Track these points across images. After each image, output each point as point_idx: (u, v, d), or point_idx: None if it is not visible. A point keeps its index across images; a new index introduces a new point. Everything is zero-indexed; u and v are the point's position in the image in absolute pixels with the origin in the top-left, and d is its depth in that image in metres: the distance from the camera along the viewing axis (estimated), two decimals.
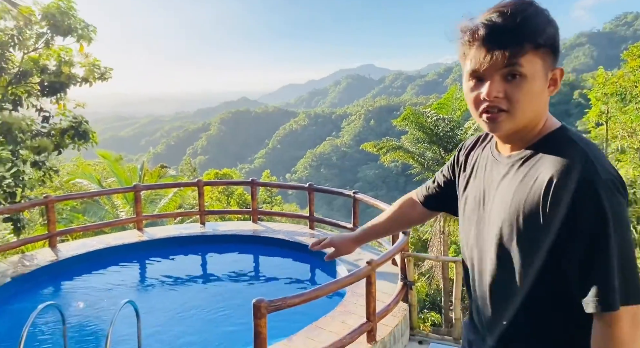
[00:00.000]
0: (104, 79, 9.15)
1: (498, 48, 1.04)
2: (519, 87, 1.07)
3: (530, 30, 1.04)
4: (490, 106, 1.09)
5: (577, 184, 1.01)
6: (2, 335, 5.23)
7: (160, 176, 16.84)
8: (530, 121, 1.12)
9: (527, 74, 1.06)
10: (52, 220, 7.25)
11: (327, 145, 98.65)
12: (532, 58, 1.05)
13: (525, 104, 1.08)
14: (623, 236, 1.01)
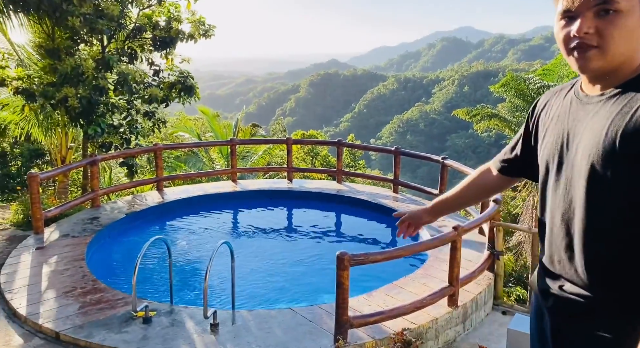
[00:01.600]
0: (207, 36, 9.61)
1: None
2: (612, 22, 1.05)
3: None
4: (580, 43, 1.07)
5: None
6: (118, 260, 6.01)
7: (252, 134, 17.61)
8: (626, 58, 1.08)
9: (622, 9, 1.04)
10: (160, 165, 8.00)
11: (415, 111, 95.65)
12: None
13: (618, 40, 1.05)
14: None
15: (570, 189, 1.18)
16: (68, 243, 5.49)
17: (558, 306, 1.27)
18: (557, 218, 1.24)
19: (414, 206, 7.28)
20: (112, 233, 6.19)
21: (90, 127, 7.89)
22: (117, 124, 8.64)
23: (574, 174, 1.17)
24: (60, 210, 6.18)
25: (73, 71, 7.59)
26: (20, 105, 9.18)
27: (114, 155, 8.31)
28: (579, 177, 1.15)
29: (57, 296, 4.25)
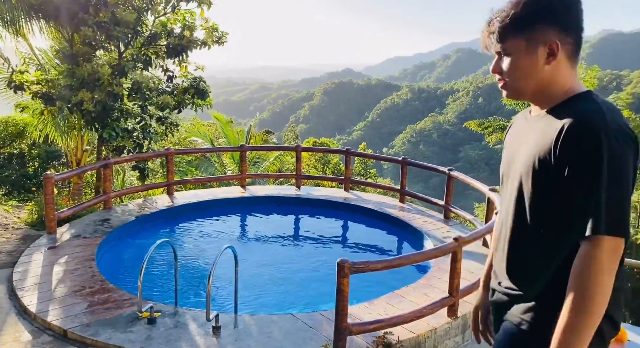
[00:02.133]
0: (220, 43, 9.80)
1: (493, 36, 1.36)
2: (506, 63, 1.36)
3: (511, 19, 1.30)
4: (499, 78, 1.41)
5: (584, 128, 1.19)
6: (126, 261, 6.14)
7: (265, 140, 17.79)
8: (535, 88, 1.34)
9: (511, 53, 1.34)
10: (171, 170, 8.17)
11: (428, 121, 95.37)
12: (513, 41, 1.32)
13: (514, 76, 1.35)
14: (617, 176, 1.17)
15: (509, 198, 1.41)
16: (79, 244, 5.65)
17: (496, 300, 1.50)
18: (499, 224, 1.50)
19: (420, 216, 7.32)
20: (122, 235, 6.34)
21: (105, 131, 8.10)
22: (131, 128, 8.84)
23: (511, 185, 1.41)
24: (73, 211, 6.35)
25: (90, 76, 7.82)
26: (40, 108, 9.46)
27: (127, 159, 8.50)
28: (512, 188, 1.40)
29: (66, 295, 4.39)
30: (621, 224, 1.18)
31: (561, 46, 1.29)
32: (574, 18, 1.29)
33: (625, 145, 1.18)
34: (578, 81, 1.35)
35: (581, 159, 1.18)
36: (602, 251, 1.17)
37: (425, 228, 6.73)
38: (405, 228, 6.98)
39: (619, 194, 1.17)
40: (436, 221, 7.12)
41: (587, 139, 1.17)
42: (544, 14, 1.27)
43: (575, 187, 1.20)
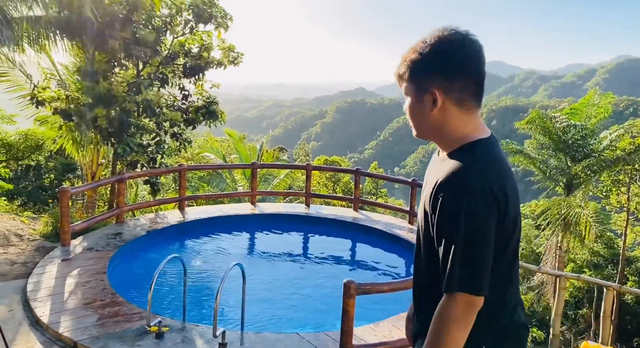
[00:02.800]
0: (236, 63, 10.05)
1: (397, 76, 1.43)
2: (407, 107, 1.42)
3: (406, 67, 1.37)
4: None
5: (449, 187, 1.25)
6: (137, 275, 6.23)
7: (277, 157, 17.97)
8: (430, 132, 1.41)
9: (408, 96, 1.41)
10: (183, 185, 8.31)
11: None
12: (407, 85, 1.39)
13: (411, 120, 1.42)
14: (473, 236, 1.22)
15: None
16: (92, 256, 5.76)
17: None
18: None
19: None
20: (133, 248, 6.44)
21: (120, 146, 8.30)
22: (145, 143, 9.04)
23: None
24: (87, 224, 6.49)
25: (107, 93, 8.07)
26: (59, 122, 9.74)
27: (141, 174, 8.68)
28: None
29: (77, 307, 4.47)
30: (474, 282, 1.23)
31: (445, 94, 1.32)
32: (460, 65, 1.32)
33: (482, 205, 1.22)
34: (478, 126, 1.37)
35: (441, 217, 1.26)
36: (455, 306, 1.24)
37: None
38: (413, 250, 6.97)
39: (475, 254, 1.22)
40: None
41: (449, 199, 1.24)
42: (430, 64, 1.32)
43: (437, 242, 1.28)
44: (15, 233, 6.57)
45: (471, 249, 1.22)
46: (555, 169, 14.40)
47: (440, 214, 1.26)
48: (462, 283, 1.23)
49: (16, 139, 12.59)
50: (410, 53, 1.36)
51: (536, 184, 16.16)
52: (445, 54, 1.31)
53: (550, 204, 13.57)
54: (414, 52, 1.35)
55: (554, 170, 14.43)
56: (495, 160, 1.30)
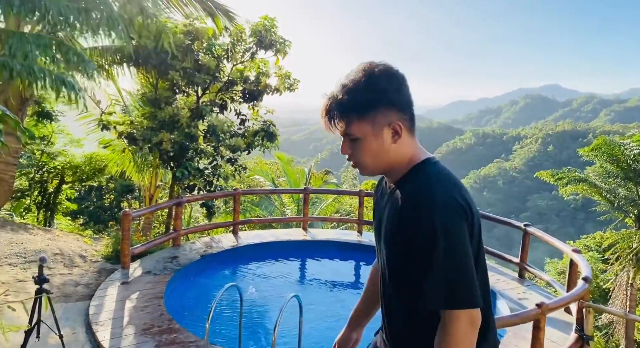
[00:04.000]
0: (291, 89, 10.18)
1: (334, 124, 1.35)
2: (357, 147, 1.35)
3: (352, 106, 1.31)
4: (348, 158, 1.39)
5: (416, 206, 1.24)
6: (192, 300, 6.23)
7: (324, 181, 17.92)
8: (386, 165, 1.37)
9: (359, 136, 1.33)
10: (237, 210, 8.36)
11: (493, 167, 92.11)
12: (359, 124, 1.32)
13: (366, 158, 1.35)
14: (455, 249, 1.20)
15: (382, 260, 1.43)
16: (150, 280, 5.82)
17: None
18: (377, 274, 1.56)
19: (491, 273, 6.88)
20: (188, 273, 6.47)
21: (179, 170, 8.51)
22: (202, 167, 9.24)
23: (381, 259, 1.43)
24: (145, 248, 6.60)
25: (170, 118, 8.35)
26: (122, 146, 10.19)
27: (198, 197, 8.83)
28: (382, 261, 1.42)
29: (136, 332, 4.48)
30: (472, 294, 1.21)
31: (403, 125, 1.35)
32: (406, 97, 1.36)
33: (456, 217, 1.22)
34: (418, 148, 1.40)
35: (417, 239, 1.23)
36: (459, 324, 1.20)
37: (498, 287, 6.29)
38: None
39: (462, 266, 1.21)
40: (510, 279, 6.65)
41: (419, 218, 1.22)
42: (382, 99, 1.32)
43: (419, 265, 1.24)
44: (79, 254, 6.80)
45: (457, 262, 1.21)
46: (625, 199, 13.36)
47: (415, 236, 1.23)
48: (462, 298, 1.21)
49: (82, 162, 13.31)
50: (352, 93, 1.32)
51: (602, 215, 15.09)
52: (397, 88, 1.35)
53: (620, 237, 12.56)
54: (358, 92, 1.32)
55: (623, 200, 13.39)
56: (447, 173, 1.33)
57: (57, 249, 6.90)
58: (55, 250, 6.83)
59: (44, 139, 12.70)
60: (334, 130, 1.36)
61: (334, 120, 1.34)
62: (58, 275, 5.83)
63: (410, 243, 1.25)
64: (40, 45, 4.06)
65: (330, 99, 1.35)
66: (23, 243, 6.79)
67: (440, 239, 1.19)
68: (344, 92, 1.32)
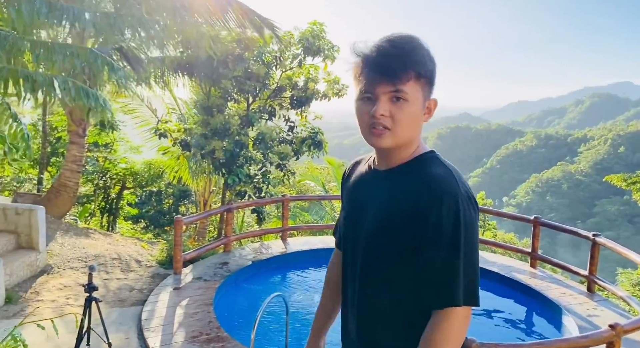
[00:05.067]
0: (340, 95, 10.08)
1: (387, 73, 1.18)
2: (402, 109, 1.21)
3: (414, 61, 1.19)
4: (377, 123, 1.22)
5: (442, 196, 1.15)
6: (240, 307, 6.25)
7: None
8: (407, 140, 1.26)
9: (409, 99, 1.21)
10: (286, 216, 8.34)
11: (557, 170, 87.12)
12: (414, 85, 1.21)
13: (405, 125, 1.23)
14: (472, 244, 1.16)
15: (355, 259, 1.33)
16: (200, 286, 5.90)
17: None
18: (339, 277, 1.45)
19: (556, 286, 6.38)
20: (238, 279, 6.51)
21: (230, 177, 8.65)
22: (252, 174, 9.34)
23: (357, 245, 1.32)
24: (197, 253, 6.72)
25: (221, 126, 8.51)
26: (177, 153, 10.54)
27: (247, 204, 8.92)
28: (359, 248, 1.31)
29: (185, 340, 4.52)
30: (475, 293, 1.17)
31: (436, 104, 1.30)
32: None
33: (474, 212, 1.19)
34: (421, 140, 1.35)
35: (442, 226, 1.15)
36: (456, 321, 1.16)
37: (564, 302, 5.80)
38: (538, 299, 6.10)
39: (474, 263, 1.17)
40: (577, 293, 6.12)
41: (448, 206, 1.15)
42: (435, 71, 1.26)
43: (433, 254, 1.17)
44: (136, 258, 7.05)
45: (470, 258, 1.17)
46: None
47: (438, 224, 1.15)
48: (467, 295, 1.16)
49: (142, 168, 13.94)
50: (418, 50, 1.21)
51: None
52: (435, 64, 1.27)
53: None
54: (425, 51, 1.22)
55: None
56: (458, 170, 1.28)
57: (115, 253, 7.19)
58: (114, 254, 7.12)
59: (107, 147, 13.43)
60: (377, 83, 1.20)
61: (390, 70, 1.19)
62: (115, 280, 6.05)
63: (423, 233, 1.17)
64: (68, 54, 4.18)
65: (392, 45, 1.20)
66: (84, 248, 7.14)
67: (463, 235, 1.15)
68: (409, 47, 1.21)
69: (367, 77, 1.22)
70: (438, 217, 1.15)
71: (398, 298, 1.26)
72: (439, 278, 1.16)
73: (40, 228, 6.10)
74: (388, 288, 1.27)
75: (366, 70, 1.22)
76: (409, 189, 1.22)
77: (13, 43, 3.75)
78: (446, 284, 1.16)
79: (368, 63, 1.22)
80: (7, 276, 5.35)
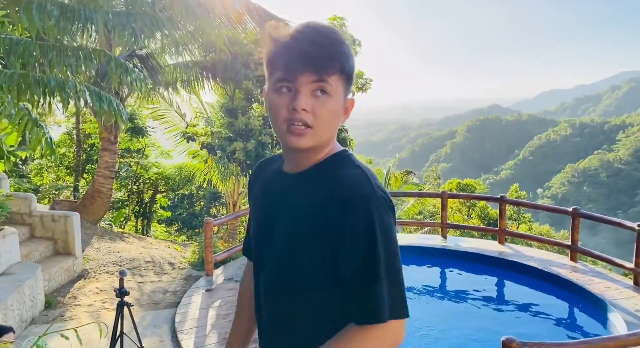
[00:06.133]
0: (364, 89, 9.97)
1: (312, 62, 1.04)
2: (325, 104, 1.08)
3: (340, 52, 1.07)
4: (297, 119, 1.07)
5: (354, 199, 1.04)
6: None
7: (405, 181, 17.41)
8: (326, 141, 1.13)
9: (332, 94, 1.08)
10: None
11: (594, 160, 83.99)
12: (337, 79, 1.08)
13: (328, 122, 1.10)
14: (392, 250, 1.05)
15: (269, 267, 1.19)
16: (231, 287, 5.92)
17: None
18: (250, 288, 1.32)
19: (599, 280, 6.10)
20: None
21: None
22: None
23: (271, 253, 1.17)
24: (227, 254, 6.76)
25: (245, 127, 8.55)
26: (205, 156, 10.67)
27: None
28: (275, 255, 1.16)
29: (218, 341, 4.53)
30: (402, 304, 1.05)
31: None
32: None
33: (390, 214, 1.07)
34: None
35: (358, 236, 1.02)
36: (388, 337, 1.04)
37: (609, 296, 5.53)
38: (580, 294, 5.84)
39: (398, 270, 1.05)
40: (623, 287, 5.82)
41: (364, 212, 1.02)
42: (354, 66, 1.13)
43: (352, 266, 1.03)
44: (169, 261, 7.15)
45: (393, 267, 1.04)
46: None
47: (353, 235, 1.02)
48: (394, 307, 1.03)
49: (173, 172, 14.20)
50: (340, 42, 1.08)
51: None
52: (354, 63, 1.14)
53: None
54: (347, 45, 1.10)
55: None
56: (371, 169, 1.16)
57: (149, 257, 7.32)
58: (147, 257, 7.25)
59: (139, 153, 13.75)
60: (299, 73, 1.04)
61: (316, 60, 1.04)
62: (149, 283, 6.15)
63: (337, 244, 1.04)
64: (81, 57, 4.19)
65: (317, 33, 1.06)
66: (119, 252, 7.30)
67: (380, 241, 1.02)
68: (335, 36, 1.08)
69: (287, 65, 1.06)
70: (353, 226, 1.02)
71: (314, 315, 1.12)
72: (360, 293, 1.03)
73: (76, 233, 6.27)
74: (304, 305, 1.12)
75: (286, 57, 1.06)
76: (319, 195, 1.08)
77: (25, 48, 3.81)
78: (368, 299, 1.02)
79: (289, 49, 1.06)
80: (46, 282, 5.51)
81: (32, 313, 4.94)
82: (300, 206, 1.12)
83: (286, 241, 1.13)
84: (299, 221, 1.11)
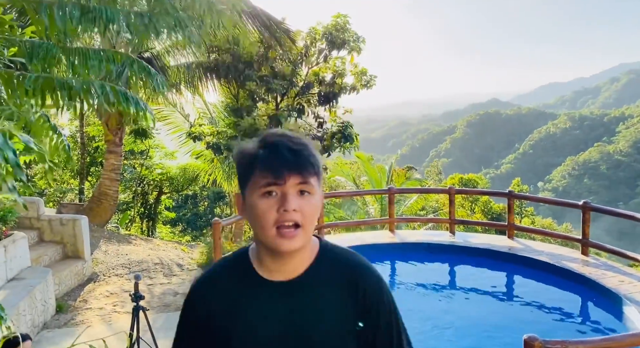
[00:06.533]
0: (369, 86, 9.92)
1: (296, 165, 1.11)
2: (309, 202, 1.13)
3: (313, 155, 1.15)
4: (287, 220, 1.10)
5: (373, 284, 1.19)
6: None
7: (407, 177, 17.36)
8: (310, 236, 1.17)
9: (314, 192, 1.15)
10: (321, 213, 8.27)
11: (594, 152, 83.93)
12: (317, 180, 1.16)
13: (313, 219, 1.15)
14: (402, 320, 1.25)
15: None
16: None
17: None
18: None
19: (613, 273, 6.06)
20: None
21: None
22: None
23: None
24: None
25: (250, 127, 8.51)
26: (210, 156, 10.62)
27: None
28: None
29: None
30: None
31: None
32: None
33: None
34: None
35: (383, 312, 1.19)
36: None
37: (623, 290, 5.49)
38: (594, 289, 5.80)
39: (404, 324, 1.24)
40: (636, 281, 5.78)
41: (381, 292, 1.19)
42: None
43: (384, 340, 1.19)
44: (177, 262, 7.13)
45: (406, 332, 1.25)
46: None
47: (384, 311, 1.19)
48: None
49: (177, 173, 14.17)
50: (310, 149, 1.17)
51: None
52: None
53: None
54: (314, 149, 1.19)
55: None
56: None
57: (157, 258, 7.29)
58: (156, 259, 7.22)
59: (143, 154, 13.71)
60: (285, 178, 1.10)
61: (298, 160, 1.12)
62: (159, 285, 6.12)
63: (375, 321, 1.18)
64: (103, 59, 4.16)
65: (292, 140, 1.15)
66: (127, 254, 7.27)
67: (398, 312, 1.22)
68: (306, 142, 1.18)
69: (273, 169, 1.11)
70: (378, 303, 1.18)
71: None
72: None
73: (85, 237, 6.23)
74: None
75: (271, 162, 1.12)
76: (338, 297, 1.17)
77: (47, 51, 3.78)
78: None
79: (274, 155, 1.12)
80: (56, 286, 5.48)
81: (43, 318, 4.91)
82: (322, 309, 1.16)
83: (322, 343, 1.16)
84: (329, 324, 1.15)
